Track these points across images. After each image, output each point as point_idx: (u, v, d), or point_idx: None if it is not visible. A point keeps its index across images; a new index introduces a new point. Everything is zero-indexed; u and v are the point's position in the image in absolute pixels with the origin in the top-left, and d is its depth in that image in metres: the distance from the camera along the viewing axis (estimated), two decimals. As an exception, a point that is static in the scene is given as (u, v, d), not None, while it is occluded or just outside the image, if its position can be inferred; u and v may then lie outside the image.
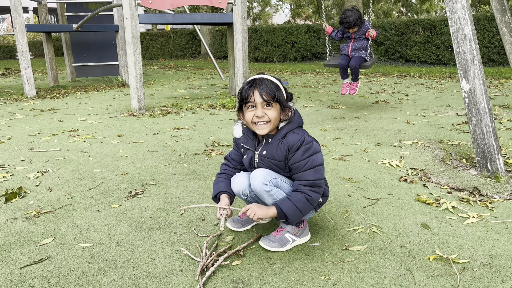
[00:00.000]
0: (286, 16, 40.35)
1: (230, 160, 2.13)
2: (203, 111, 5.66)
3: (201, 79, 10.25)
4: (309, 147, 1.84)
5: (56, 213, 2.39)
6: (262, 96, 1.79)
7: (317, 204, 2.00)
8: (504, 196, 2.60)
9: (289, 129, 1.87)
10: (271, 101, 1.80)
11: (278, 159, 1.88)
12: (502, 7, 4.46)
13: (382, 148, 3.66)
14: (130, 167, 3.21)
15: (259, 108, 1.81)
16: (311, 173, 1.83)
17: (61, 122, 5.04)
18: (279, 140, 1.87)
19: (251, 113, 1.84)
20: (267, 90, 1.79)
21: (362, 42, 4.95)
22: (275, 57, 15.86)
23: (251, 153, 1.98)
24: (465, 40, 2.95)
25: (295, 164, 1.85)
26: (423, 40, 12.45)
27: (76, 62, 9.77)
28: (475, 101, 2.94)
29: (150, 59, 19.94)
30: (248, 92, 1.82)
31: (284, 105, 1.84)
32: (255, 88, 1.80)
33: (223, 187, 1.99)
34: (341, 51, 5.14)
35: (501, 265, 1.78)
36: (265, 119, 1.82)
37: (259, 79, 1.83)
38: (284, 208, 1.80)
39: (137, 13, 5.34)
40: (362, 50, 4.96)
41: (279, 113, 1.85)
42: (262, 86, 1.80)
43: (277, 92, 1.81)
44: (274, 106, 1.82)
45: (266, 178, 1.84)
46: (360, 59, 4.94)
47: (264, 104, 1.81)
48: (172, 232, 2.14)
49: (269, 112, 1.82)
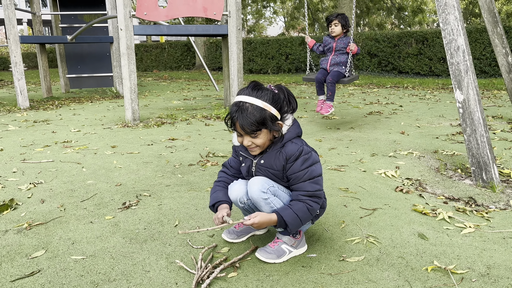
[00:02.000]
0: (280, 28, 40.72)
1: (228, 167, 2.10)
2: (197, 122, 5.65)
3: (195, 90, 10.26)
4: (308, 157, 1.82)
5: (48, 225, 2.35)
6: (244, 130, 1.77)
7: (314, 216, 1.99)
8: (500, 206, 2.59)
9: (288, 139, 1.85)
10: (254, 132, 1.77)
11: (276, 168, 1.86)
12: (494, 19, 4.52)
13: (377, 159, 3.65)
14: (124, 178, 3.18)
15: (245, 138, 1.81)
16: (311, 184, 1.82)
17: (54, 133, 5.00)
18: (277, 149, 1.86)
19: (240, 138, 1.85)
20: (248, 123, 1.73)
21: (342, 57, 4.75)
22: (269, 69, 15.94)
23: (249, 161, 1.96)
24: (458, 51, 2.97)
25: (294, 175, 1.83)
26: (416, 52, 12.58)
27: (70, 73, 9.74)
28: (469, 111, 2.95)
29: (144, 70, 19.96)
30: (232, 121, 1.80)
31: (271, 128, 1.79)
32: (237, 120, 1.76)
33: (221, 196, 1.97)
34: (320, 64, 4.94)
35: (499, 276, 1.76)
36: (252, 146, 1.83)
37: (241, 107, 1.75)
38: (285, 216, 1.78)
39: (132, 24, 5.35)
40: (341, 65, 4.75)
41: (268, 135, 1.82)
42: (243, 118, 1.74)
43: (260, 119, 1.74)
44: (259, 134, 1.79)
45: (263, 186, 1.82)
46: (339, 74, 4.72)
47: (248, 134, 1.79)
48: (167, 244, 2.11)
49: (256, 140, 1.81)
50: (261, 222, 1.76)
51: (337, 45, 4.77)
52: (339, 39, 4.78)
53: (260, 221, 1.76)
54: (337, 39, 4.79)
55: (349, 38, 4.75)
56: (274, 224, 1.80)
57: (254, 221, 1.75)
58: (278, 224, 1.80)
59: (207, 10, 5.49)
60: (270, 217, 1.78)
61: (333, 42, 4.81)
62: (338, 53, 4.79)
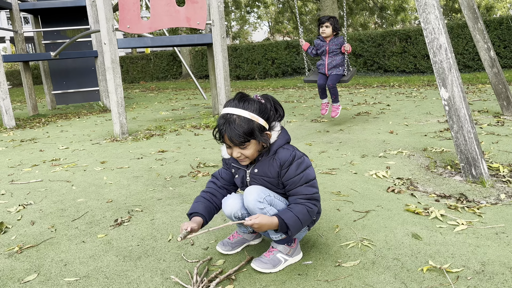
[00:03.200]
0: (265, 33, 40.89)
1: (219, 178, 2.08)
2: (187, 132, 5.63)
3: (183, 100, 10.23)
4: (301, 161, 1.84)
5: (40, 247, 2.31)
6: (233, 141, 1.77)
7: (313, 221, 1.98)
8: (491, 201, 2.62)
9: (279, 146, 1.86)
10: (243, 144, 1.78)
11: (270, 176, 1.86)
12: (474, 15, 4.58)
13: (367, 160, 3.67)
14: (115, 194, 3.14)
15: (234, 149, 1.82)
16: (307, 187, 1.83)
17: (42, 152, 4.94)
18: (270, 157, 1.86)
19: (229, 150, 1.86)
20: (236, 135, 1.74)
21: (337, 58, 4.89)
22: (256, 74, 15.98)
23: (242, 172, 1.96)
24: (440, 49, 3.01)
25: (290, 180, 1.83)
26: (400, 50, 12.72)
27: (55, 89, 9.66)
28: (455, 108, 2.98)
29: (131, 82, 19.88)
30: (220, 133, 1.80)
31: (259, 139, 1.79)
32: (225, 132, 1.77)
33: (200, 209, 1.92)
34: (318, 69, 5.09)
35: (494, 272, 1.77)
36: (242, 158, 1.83)
37: (228, 120, 1.76)
38: (286, 219, 1.77)
39: (115, 38, 5.33)
40: (338, 67, 4.91)
41: (257, 145, 1.83)
42: (230, 130, 1.75)
43: (248, 131, 1.75)
44: (249, 144, 1.79)
45: (260, 196, 1.81)
46: (337, 77, 4.90)
47: (237, 146, 1.80)
48: (161, 259, 2.08)
49: (245, 151, 1.81)
50: (262, 223, 1.75)
51: (330, 47, 4.89)
52: (330, 40, 4.90)
53: (261, 222, 1.74)
54: (328, 41, 4.91)
55: (341, 38, 4.88)
56: (275, 227, 1.79)
57: (255, 222, 1.74)
58: (280, 227, 1.79)
59: (191, 20, 5.49)
60: (271, 220, 1.77)
61: (325, 44, 4.92)
62: (332, 54, 4.91)
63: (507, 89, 4.86)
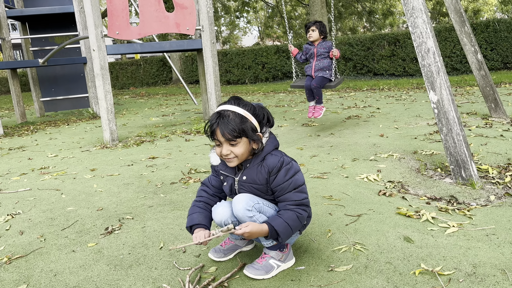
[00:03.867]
0: (255, 38, 41.00)
1: (209, 185, 2.07)
2: (177, 138, 5.60)
3: (174, 105, 10.20)
4: (289, 167, 1.83)
5: (29, 257, 2.28)
6: (224, 136, 1.76)
7: (304, 225, 1.98)
8: (481, 203, 2.64)
9: (267, 152, 1.86)
10: (234, 139, 1.77)
11: (259, 182, 1.85)
12: (461, 19, 4.64)
13: (358, 163, 3.68)
14: (105, 202, 3.11)
15: (224, 146, 1.80)
16: (296, 193, 1.83)
17: (30, 160, 4.88)
18: (258, 163, 1.85)
19: (218, 149, 1.83)
20: (229, 129, 1.74)
21: (325, 61, 4.89)
22: (246, 79, 16.00)
23: (231, 179, 1.94)
24: (428, 53, 3.03)
25: (279, 186, 1.83)
26: (389, 53, 12.83)
27: (44, 96, 9.56)
28: (444, 111, 3.01)
29: (121, 88, 19.78)
30: (212, 128, 1.79)
31: (251, 138, 1.80)
32: (218, 126, 1.76)
33: (200, 219, 1.92)
34: (306, 72, 5.12)
35: (486, 274, 1.78)
36: (231, 156, 1.81)
37: (222, 115, 1.77)
38: (276, 226, 1.77)
39: (104, 44, 5.30)
40: (325, 70, 4.90)
41: (248, 145, 1.82)
42: (224, 124, 1.75)
43: (241, 127, 1.76)
44: (239, 141, 1.78)
45: (248, 204, 1.80)
46: (323, 80, 4.87)
47: (228, 142, 1.78)
48: (153, 267, 2.06)
49: (235, 149, 1.79)
50: (252, 231, 1.74)
51: (318, 50, 4.92)
52: (318, 44, 4.94)
53: (252, 230, 1.74)
54: (316, 44, 4.95)
55: (329, 43, 4.91)
56: (265, 234, 1.78)
57: (246, 230, 1.73)
58: (270, 234, 1.78)
59: (180, 26, 5.48)
60: (261, 227, 1.76)
61: (313, 48, 4.97)
62: (320, 58, 4.93)
63: (495, 91, 4.92)
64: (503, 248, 2.00)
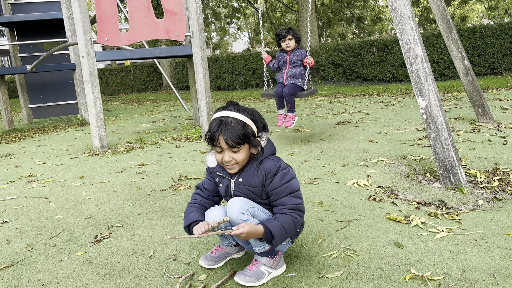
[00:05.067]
0: (245, 44, 41.12)
1: (203, 189, 2.07)
2: (168, 144, 5.58)
3: (164, 112, 10.16)
4: (286, 172, 1.86)
5: (16, 267, 2.24)
6: (228, 143, 1.77)
7: (293, 234, 1.97)
8: (469, 207, 2.66)
9: (264, 156, 1.88)
10: (237, 146, 1.78)
11: (255, 185, 1.86)
12: (448, 25, 4.71)
13: (349, 169, 3.70)
14: (94, 210, 3.08)
15: (225, 153, 1.81)
16: (292, 198, 1.84)
17: (18, 167, 4.82)
18: (255, 166, 1.87)
19: (219, 155, 1.84)
20: (232, 136, 1.76)
21: (297, 69, 4.71)
22: (237, 85, 16.02)
23: (227, 181, 1.94)
24: (416, 59, 3.07)
25: (275, 190, 1.84)
26: (378, 59, 12.95)
27: (32, 103, 9.46)
28: (432, 116, 3.04)
29: (110, 94, 19.66)
30: (214, 135, 1.79)
31: (252, 144, 1.83)
32: (221, 133, 1.77)
33: (197, 217, 1.92)
34: (277, 80, 4.91)
35: (475, 278, 1.79)
36: (232, 162, 1.83)
37: (224, 121, 1.78)
38: (271, 228, 1.76)
39: (93, 50, 5.27)
40: (298, 78, 4.71)
41: (248, 151, 1.85)
42: (227, 131, 1.76)
43: (243, 134, 1.78)
44: (241, 148, 1.80)
45: (243, 207, 1.80)
46: (295, 87, 4.68)
47: (230, 149, 1.79)
48: (142, 276, 2.04)
49: (236, 156, 1.81)
50: (250, 232, 1.73)
51: (291, 58, 4.74)
52: (291, 52, 4.76)
53: (249, 231, 1.73)
54: (289, 52, 4.77)
55: (303, 51, 4.75)
56: (260, 236, 1.77)
57: (243, 230, 1.72)
58: (264, 236, 1.77)
59: (170, 32, 5.48)
60: (257, 228, 1.76)
61: (286, 55, 4.80)
62: (293, 66, 4.75)
63: (482, 96, 4.99)
64: (492, 252, 2.02)
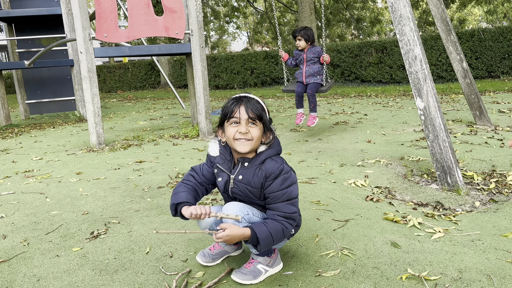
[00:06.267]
0: (244, 43, 41.11)
1: (198, 173, 1.99)
2: (165, 142, 5.57)
3: (162, 109, 10.14)
4: (287, 177, 1.81)
5: (11, 262, 2.23)
6: (248, 113, 1.77)
7: (292, 234, 1.97)
8: (466, 209, 2.67)
9: (268, 155, 1.84)
10: (256, 119, 1.78)
11: (254, 185, 1.83)
12: (447, 27, 4.72)
13: (346, 169, 3.70)
14: (91, 206, 3.07)
15: (243, 124, 1.78)
16: (288, 205, 1.80)
17: (14, 163, 4.79)
18: (257, 165, 1.82)
19: (233, 129, 1.79)
20: (253, 108, 1.78)
21: (315, 67, 4.94)
22: (235, 84, 16.01)
23: (226, 176, 1.90)
24: (416, 60, 3.07)
25: (273, 194, 1.80)
26: (376, 60, 12.97)
27: (29, 99, 9.42)
28: (430, 118, 3.04)
29: (108, 91, 19.61)
30: (233, 107, 1.78)
31: (267, 127, 1.83)
32: (241, 105, 1.78)
33: (186, 197, 1.83)
34: (296, 78, 5.15)
35: (471, 279, 1.80)
36: (248, 137, 1.78)
37: (246, 97, 1.82)
38: (258, 233, 1.73)
39: (92, 47, 5.25)
40: (316, 76, 4.95)
41: (262, 133, 1.83)
42: (249, 103, 1.78)
43: (262, 112, 1.81)
44: (258, 125, 1.80)
45: (238, 214, 1.79)
46: (316, 85, 4.95)
47: (249, 121, 1.78)
48: (139, 272, 2.04)
49: (253, 130, 1.79)
50: (232, 235, 1.71)
51: (307, 55, 4.96)
52: (307, 50, 4.98)
53: (231, 234, 1.71)
54: (305, 50, 4.99)
55: (319, 48, 4.95)
56: (246, 238, 1.75)
57: (224, 235, 1.69)
58: (250, 239, 1.75)
59: (169, 30, 5.47)
60: (243, 231, 1.73)
61: (302, 53, 5.02)
62: (310, 63, 4.97)
63: (479, 99, 5.00)
64: (488, 253, 2.02)
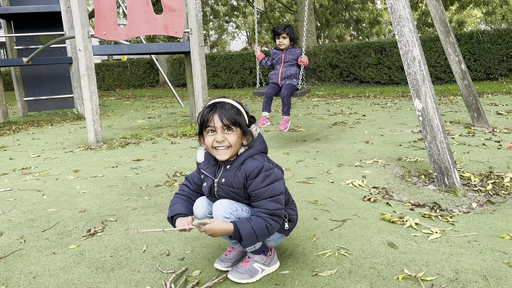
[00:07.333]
0: (243, 43, 41.09)
1: (191, 181, 2.03)
2: (163, 140, 5.56)
3: (160, 108, 10.13)
4: (269, 173, 1.78)
5: (8, 259, 2.22)
6: (222, 121, 1.76)
7: (287, 230, 1.97)
8: (463, 210, 2.68)
9: (249, 156, 1.82)
10: (231, 125, 1.77)
11: (236, 187, 1.81)
12: (446, 29, 4.73)
13: (344, 169, 3.71)
14: (88, 204, 3.06)
15: (219, 132, 1.78)
16: (271, 202, 1.77)
17: (12, 160, 4.78)
18: (237, 167, 1.81)
19: (211, 137, 1.80)
20: (227, 114, 1.76)
21: (292, 69, 4.58)
22: (234, 83, 16.01)
23: (210, 180, 1.90)
24: (414, 61, 3.08)
25: (255, 192, 1.78)
26: (375, 61, 12.98)
27: (27, 96, 9.40)
28: (428, 119, 3.05)
29: (107, 90, 19.57)
30: (208, 116, 1.78)
31: (245, 130, 1.81)
32: (215, 112, 1.77)
33: (182, 209, 1.90)
34: (270, 79, 4.77)
35: (468, 280, 1.80)
36: (225, 144, 1.78)
37: (219, 103, 1.80)
38: (241, 229, 1.72)
39: (91, 44, 5.24)
40: (293, 78, 4.59)
41: (240, 138, 1.81)
42: (222, 110, 1.77)
43: (237, 117, 1.78)
44: (234, 130, 1.78)
45: (226, 211, 1.78)
46: (292, 87, 4.56)
47: (224, 128, 1.78)
48: (136, 270, 2.03)
49: (230, 137, 1.78)
50: (214, 229, 1.71)
51: (286, 56, 4.61)
52: (287, 50, 4.64)
53: (213, 228, 1.71)
54: (285, 50, 4.65)
55: (299, 50, 4.61)
56: (228, 234, 1.74)
57: (207, 228, 1.71)
58: (233, 235, 1.74)
59: (168, 28, 5.46)
60: (226, 227, 1.72)
61: (281, 53, 4.67)
62: (287, 64, 4.61)
63: (477, 101, 5.01)
64: (484, 254, 2.03)
